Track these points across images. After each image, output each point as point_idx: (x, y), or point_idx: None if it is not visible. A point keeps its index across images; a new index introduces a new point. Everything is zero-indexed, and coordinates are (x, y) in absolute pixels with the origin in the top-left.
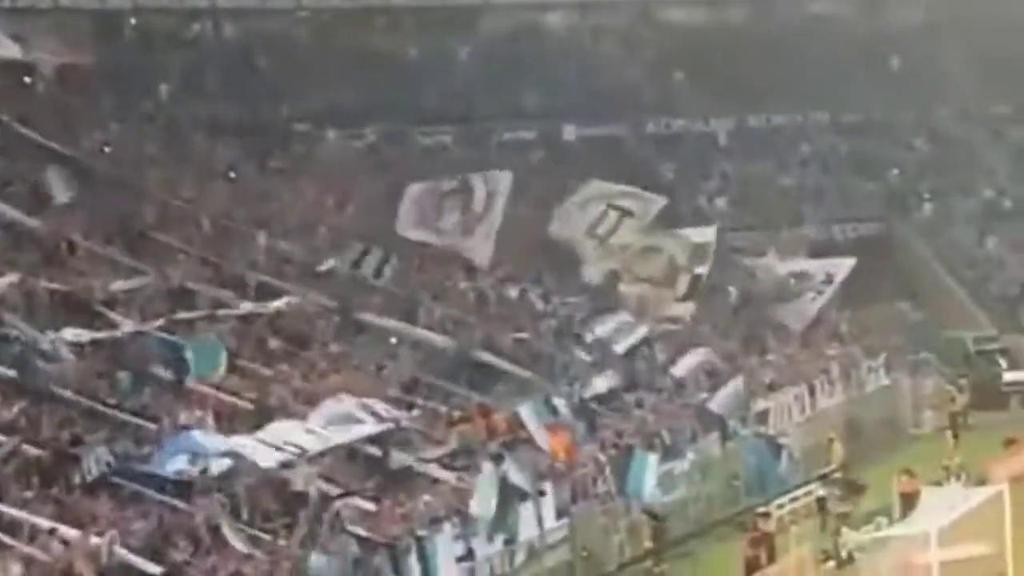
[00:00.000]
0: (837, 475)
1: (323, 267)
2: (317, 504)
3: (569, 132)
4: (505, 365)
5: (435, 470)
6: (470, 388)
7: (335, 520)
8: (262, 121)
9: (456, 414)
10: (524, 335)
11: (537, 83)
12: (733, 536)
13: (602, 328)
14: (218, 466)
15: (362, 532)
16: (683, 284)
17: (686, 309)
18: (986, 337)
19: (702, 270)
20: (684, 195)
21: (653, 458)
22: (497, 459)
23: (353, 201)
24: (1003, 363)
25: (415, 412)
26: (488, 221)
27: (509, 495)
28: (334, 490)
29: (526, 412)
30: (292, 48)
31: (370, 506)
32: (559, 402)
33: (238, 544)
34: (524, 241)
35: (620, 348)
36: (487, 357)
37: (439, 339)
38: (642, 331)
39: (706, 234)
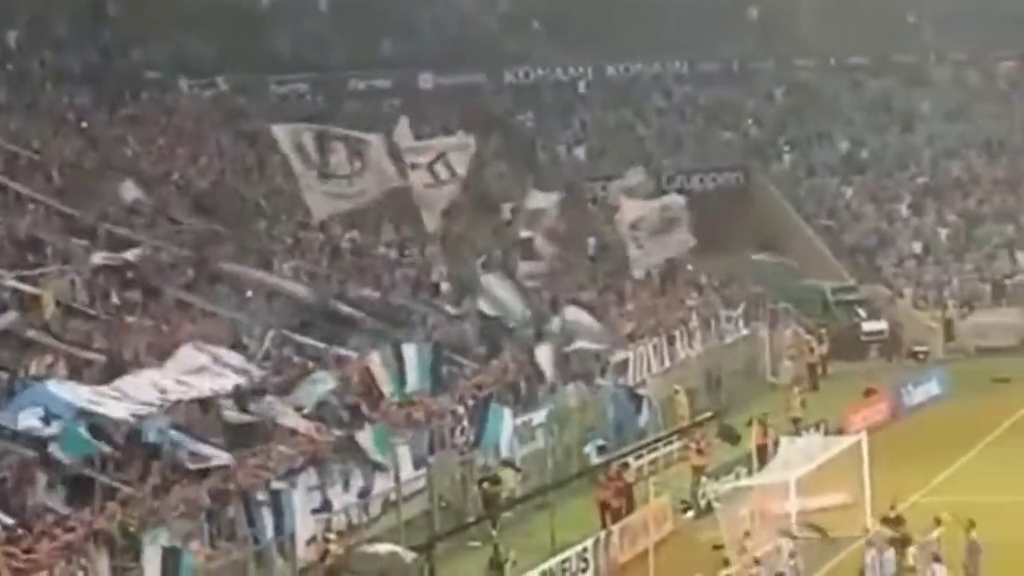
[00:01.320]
0: (713, 422)
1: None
2: (170, 455)
3: (425, 80)
4: (359, 315)
5: (291, 420)
6: (325, 339)
7: (188, 471)
8: (113, 69)
9: (311, 364)
10: (377, 287)
11: (393, 31)
12: (591, 487)
13: (462, 280)
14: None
15: (216, 484)
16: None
17: (536, 268)
18: (844, 287)
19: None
20: (542, 144)
21: (507, 411)
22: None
23: (206, 151)
24: (861, 313)
25: (270, 362)
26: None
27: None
28: (187, 441)
29: (376, 363)
30: None
31: (224, 457)
32: (411, 350)
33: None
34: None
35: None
36: (342, 307)
37: (294, 288)
38: (504, 283)
39: (547, 199)
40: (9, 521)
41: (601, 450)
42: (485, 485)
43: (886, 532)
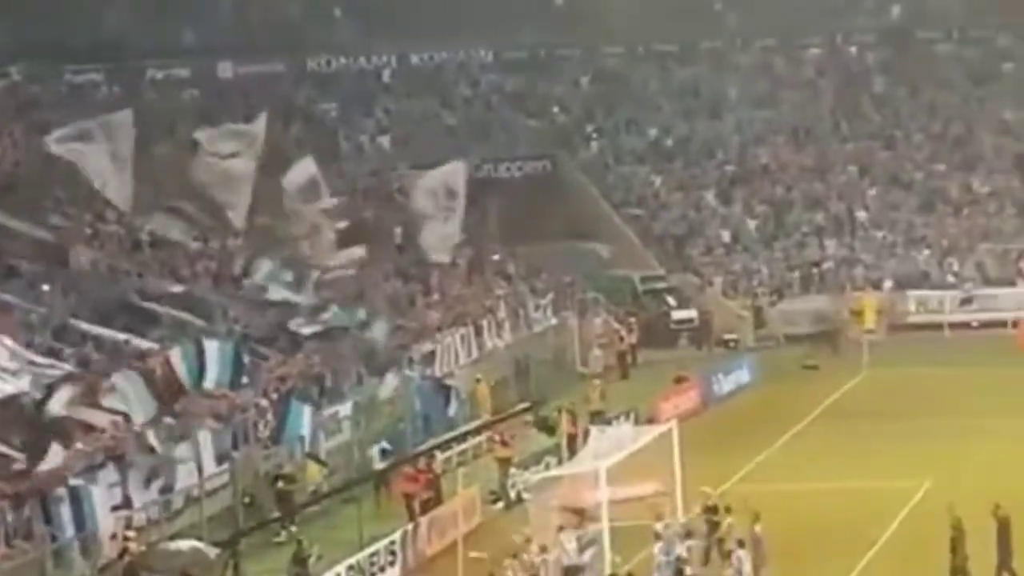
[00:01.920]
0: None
1: None
2: None
3: (225, 70)
4: (161, 309)
5: (90, 417)
6: (126, 332)
7: None
8: None
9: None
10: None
11: (191, 20)
12: (399, 479)
13: (261, 273)
14: None
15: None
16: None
17: (349, 256)
18: (653, 276)
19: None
20: (346, 134)
21: (307, 406)
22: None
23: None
24: (671, 302)
25: (68, 359)
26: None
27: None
28: None
29: (176, 356)
30: None
31: (19, 457)
32: (212, 344)
33: None
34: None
35: (279, 293)
36: (142, 301)
37: (92, 283)
38: (309, 274)
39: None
40: None
41: (384, 453)
42: (279, 483)
43: (677, 526)
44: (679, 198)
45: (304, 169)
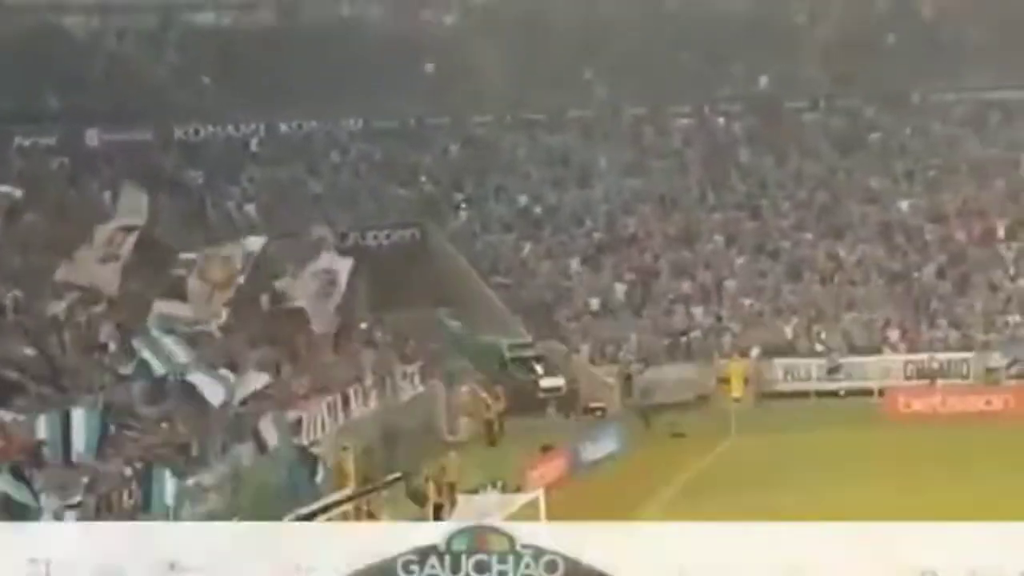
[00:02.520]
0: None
1: None
2: None
3: (92, 137)
4: (24, 378)
5: None
6: None
7: None
8: None
9: None
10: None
11: (58, 86)
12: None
13: (132, 340)
14: None
15: None
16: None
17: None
18: (521, 343)
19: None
20: (213, 201)
21: (167, 472)
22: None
23: None
24: (538, 369)
25: None
26: None
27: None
28: None
29: (43, 427)
30: None
31: None
32: (79, 414)
33: None
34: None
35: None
36: (5, 370)
37: None
38: (171, 341)
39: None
40: None
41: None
42: None
43: None
44: (547, 266)
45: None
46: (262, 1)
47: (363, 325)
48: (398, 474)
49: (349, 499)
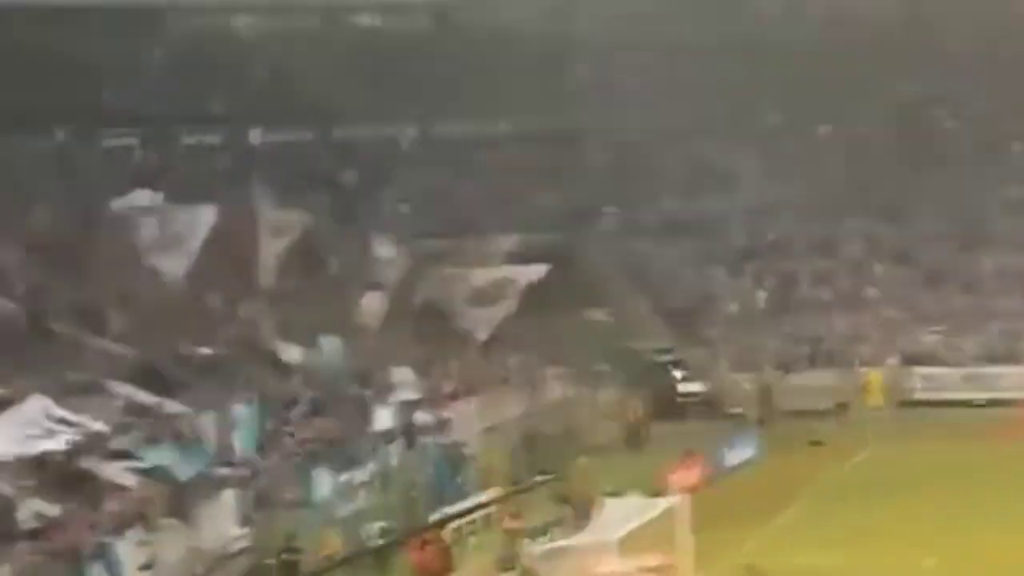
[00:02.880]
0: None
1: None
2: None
3: (255, 136)
4: (186, 375)
5: (120, 475)
6: (158, 395)
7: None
8: None
9: (144, 421)
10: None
11: (224, 87)
12: (411, 547)
13: (290, 337)
14: None
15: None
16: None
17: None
18: (663, 349)
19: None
20: (366, 202)
21: (324, 468)
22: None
23: (40, 204)
24: (679, 374)
25: (102, 419)
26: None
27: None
28: (17, 495)
29: (206, 420)
30: None
31: (54, 511)
32: (241, 411)
33: None
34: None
35: (306, 357)
36: (171, 366)
37: (119, 348)
38: (331, 340)
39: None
40: None
41: (384, 532)
42: (283, 555)
43: None
44: (690, 272)
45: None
46: (419, 5)
47: (511, 328)
48: (547, 476)
49: (497, 500)
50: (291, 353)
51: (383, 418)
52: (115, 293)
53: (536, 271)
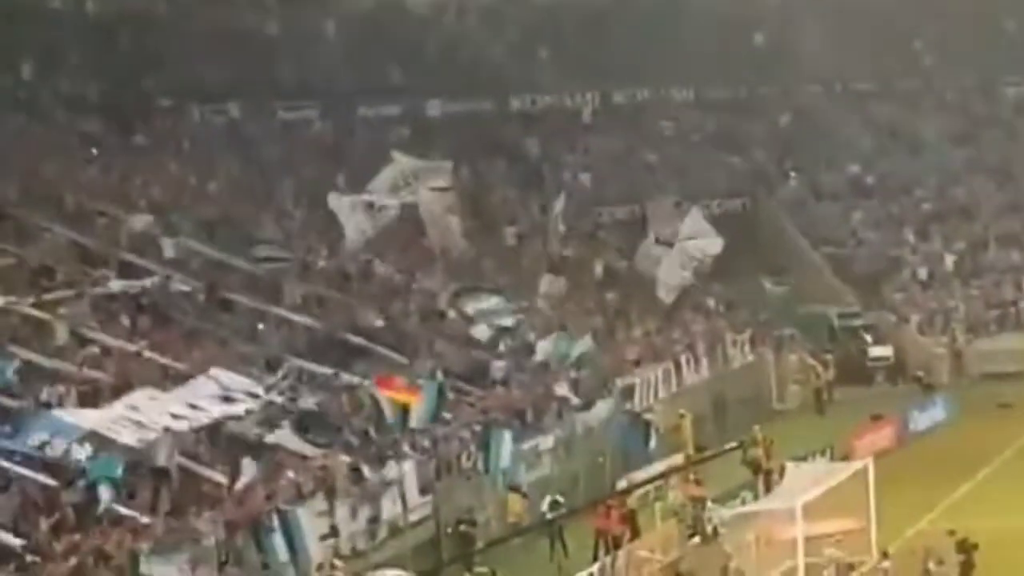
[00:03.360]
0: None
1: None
2: (179, 481)
3: (434, 108)
4: (367, 344)
5: (298, 445)
6: (335, 367)
7: (196, 497)
8: (124, 97)
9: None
10: (387, 315)
11: (402, 59)
12: (596, 513)
13: (469, 306)
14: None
15: (226, 509)
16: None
17: (557, 285)
18: (850, 313)
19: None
20: (548, 170)
21: (508, 435)
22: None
23: (216, 177)
24: (867, 339)
25: (282, 390)
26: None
27: None
28: (197, 467)
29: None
30: (154, 24)
31: (230, 482)
32: (423, 382)
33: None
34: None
35: (485, 327)
36: (350, 336)
37: (301, 318)
38: (507, 310)
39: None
40: (19, 544)
41: (554, 505)
42: (461, 526)
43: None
44: (877, 236)
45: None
46: None
47: (695, 293)
48: (735, 443)
49: (682, 466)
50: (473, 323)
51: (565, 386)
52: (295, 264)
53: (717, 241)
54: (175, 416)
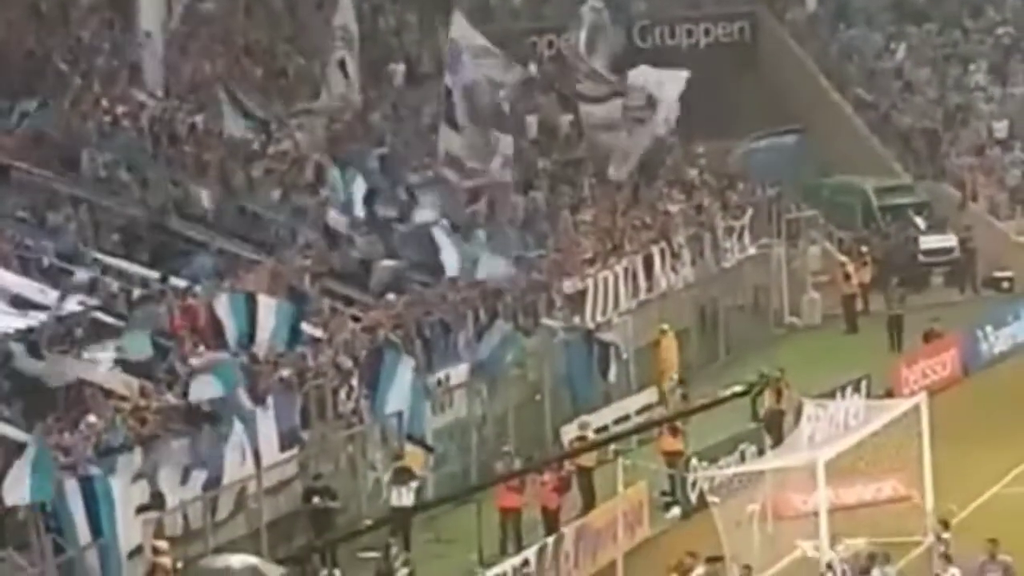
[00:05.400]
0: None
1: None
2: None
3: None
4: (205, 236)
5: (106, 378)
6: (155, 263)
7: None
8: None
9: (138, 293)
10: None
11: None
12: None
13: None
14: None
15: None
16: None
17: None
18: (894, 187)
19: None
20: None
21: (407, 369)
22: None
23: None
24: (919, 223)
25: (81, 296)
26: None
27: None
28: None
29: (224, 305)
30: None
31: (15, 432)
32: (266, 301)
33: None
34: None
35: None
36: (181, 224)
37: (111, 199)
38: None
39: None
40: None
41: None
42: (315, 499)
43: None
44: (931, 75)
45: None
46: None
47: (668, 160)
48: (737, 388)
49: (656, 406)
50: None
51: (488, 293)
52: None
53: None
54: None
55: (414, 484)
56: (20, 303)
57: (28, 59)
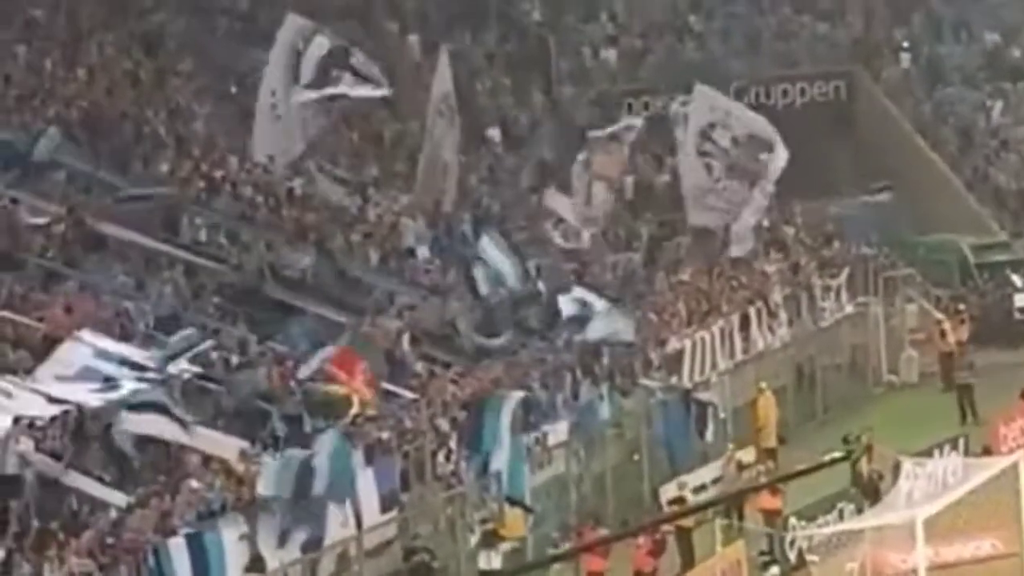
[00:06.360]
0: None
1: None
2: (37, 492)
3: None
4: (301, 301)
5: (207, 443)
6: (253, 328)
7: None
8: None
9: (237, 360)
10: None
11: None
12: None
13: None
14: None
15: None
16: None
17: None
18: (991, 244)
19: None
20: (554, 44)
21: (505, 418)
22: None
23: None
24: (1016, 281)
25: (180, 363)
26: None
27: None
28: (61, 472)
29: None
30: None
31: (116, 497)
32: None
33: None
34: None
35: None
36: (277, 290)
37: (209, 263)
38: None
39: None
40: None
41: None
42: (414, 557)
43: None
44: None
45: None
46: None
47: (765, 221)
48: (836, 454)
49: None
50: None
51: (587, 354)
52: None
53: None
54: (32, 401)
55: (502, 547)
56: (121, 367)
57: (124, 121)
